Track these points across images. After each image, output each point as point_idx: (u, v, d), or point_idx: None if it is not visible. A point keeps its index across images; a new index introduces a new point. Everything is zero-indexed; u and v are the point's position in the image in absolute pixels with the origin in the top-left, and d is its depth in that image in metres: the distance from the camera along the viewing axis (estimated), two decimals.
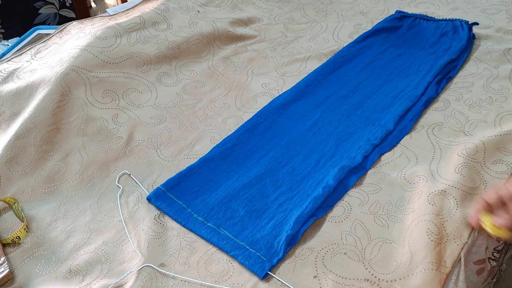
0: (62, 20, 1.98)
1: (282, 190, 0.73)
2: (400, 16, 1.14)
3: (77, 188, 0.80)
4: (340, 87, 0.97)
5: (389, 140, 0.81)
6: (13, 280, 0.65)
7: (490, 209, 0.60)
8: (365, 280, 0.60)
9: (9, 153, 0.81)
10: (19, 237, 0.70)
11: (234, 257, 0.64)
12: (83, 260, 0.67)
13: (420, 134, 0.82)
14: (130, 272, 0.63)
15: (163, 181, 0.76)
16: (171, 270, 0.64)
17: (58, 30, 1.08)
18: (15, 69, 0.97)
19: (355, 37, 1.12)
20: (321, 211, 0.69)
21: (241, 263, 0.63)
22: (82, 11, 2.01)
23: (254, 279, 0.61)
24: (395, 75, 0.98)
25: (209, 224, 0.69)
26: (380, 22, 1.15)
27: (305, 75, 1.01)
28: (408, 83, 0.94)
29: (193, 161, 0.81)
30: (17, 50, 1.10)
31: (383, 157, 0.79)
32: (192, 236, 0.69)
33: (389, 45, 1.09)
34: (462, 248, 0.63)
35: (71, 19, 1.77)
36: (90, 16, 1.61)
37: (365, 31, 1.14)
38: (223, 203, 0.72)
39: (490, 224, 0.59)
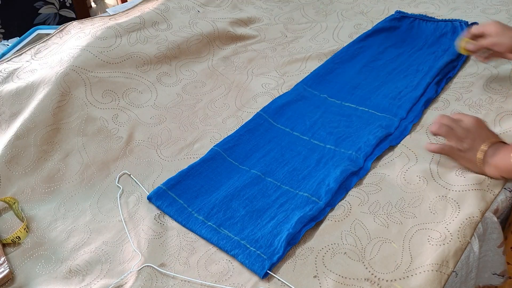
0: (62, 20, 1.98)
1: (283, 190, 0.73)
2: (400, 17, 1.14)
3: (77, 188, 0.80)
4: (340, 87, 0.96)
5: (388, 141, 0.81)
6: (13, 280, 0.65)
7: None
8: (365, 279, 0.60)
9: (9, 153, 0.81)
10: (19, 237, 0.70)
11: (234, 256, 0.64)
12: (83, 260, 0.67)
13: (420, 134, 0.82)
14: (130, 272, 0.63)
15: (163, 181, 0.76)
16: (171, 270, 0.64)
17: (58, 30, 1.08)
18: (15, 69, 0.97)
19: (355, 37, 1.12)
20: (323, 212, 0.69)
21: (241, 262, 0.63)
22: (82, 11, 2.01)
23: (254, 278, 0.61)
24: (394, 75, 0.98)
25: (209, 223, 0.69)
26: (379, 22, 1.15)
27: (305, 75, 1.01)
28: (407, 84, 0.94)
29: (193, 161, 0.81)
30: (17, 50, 1.10)
31: (383, 156, 0.79)
32: (192, 236, 0.69)
33: (389, 45, 1.09)
34: (466, 248, 0.63)
35: (71, 19, 1.76)
36: (90, 16, 1.61)
37: (365, 31, 1.13)
38: (224, 202, 0.72)
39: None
